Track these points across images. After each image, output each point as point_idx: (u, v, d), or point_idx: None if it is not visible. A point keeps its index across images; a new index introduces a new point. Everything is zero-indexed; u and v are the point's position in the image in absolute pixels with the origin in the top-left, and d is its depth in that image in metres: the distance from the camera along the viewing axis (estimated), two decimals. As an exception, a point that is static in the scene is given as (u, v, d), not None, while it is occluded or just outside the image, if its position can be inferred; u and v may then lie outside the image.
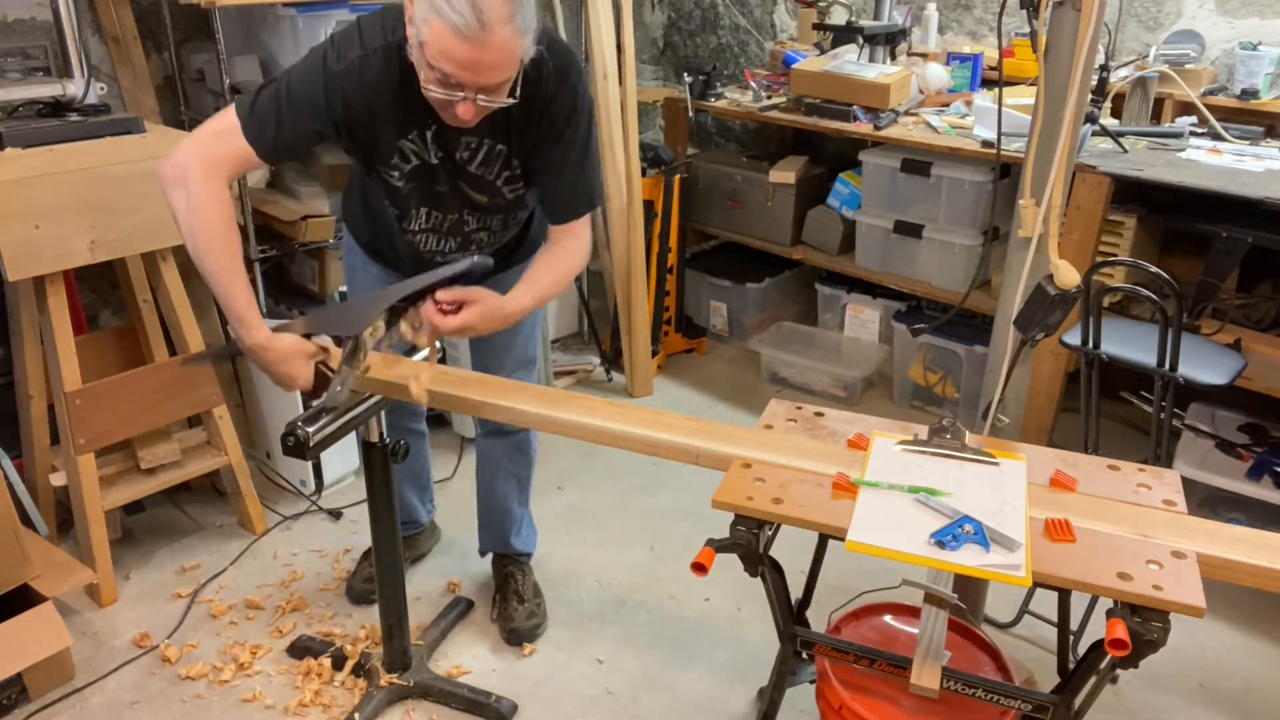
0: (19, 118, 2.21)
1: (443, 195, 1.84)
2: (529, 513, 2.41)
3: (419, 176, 1.80)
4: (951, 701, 1.48)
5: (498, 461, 2.30)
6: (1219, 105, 2.83)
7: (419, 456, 2.40)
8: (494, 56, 1.47)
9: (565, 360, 3.61)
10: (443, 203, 1.86)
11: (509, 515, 2.35)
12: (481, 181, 1.80)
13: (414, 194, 1.84)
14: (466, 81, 1.51)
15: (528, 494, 2.37)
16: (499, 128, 1.71)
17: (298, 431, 1.65)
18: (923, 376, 3.36)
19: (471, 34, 1.43)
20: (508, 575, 2.37)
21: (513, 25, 1.45)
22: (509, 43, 1.47)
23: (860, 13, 3.68)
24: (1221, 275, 2.48)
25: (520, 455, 2.29)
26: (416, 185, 1.82)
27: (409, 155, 1.75)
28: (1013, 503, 1.37)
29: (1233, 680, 2.18)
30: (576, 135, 1.74)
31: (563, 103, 1.70)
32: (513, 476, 2.31)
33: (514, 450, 2.28)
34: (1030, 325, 1.62)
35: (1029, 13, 1.66)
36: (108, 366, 2.48)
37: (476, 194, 1.83)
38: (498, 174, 1.79)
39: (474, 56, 1.46)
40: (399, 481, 2.29)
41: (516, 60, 1.52)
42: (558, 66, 1.68)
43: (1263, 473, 2.47)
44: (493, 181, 1.80)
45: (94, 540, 2.34)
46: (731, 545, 1.39)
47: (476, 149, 1.75)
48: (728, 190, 3.78)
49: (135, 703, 2.10)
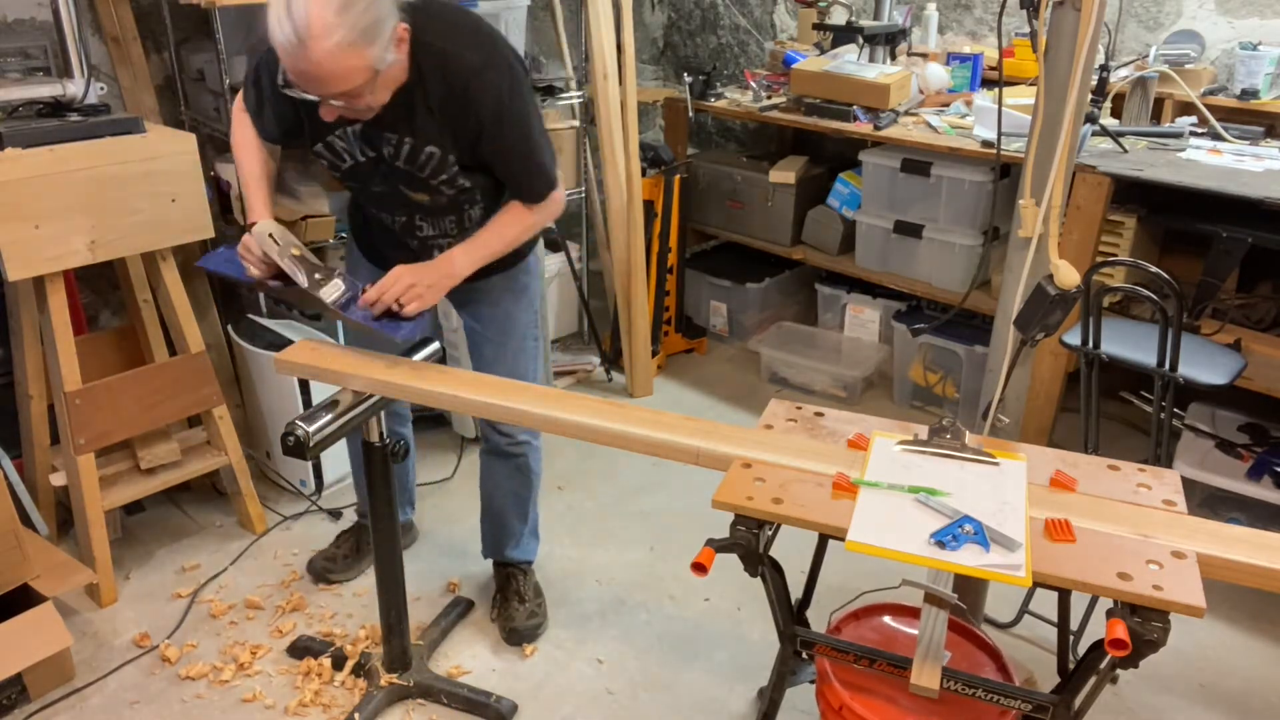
0: (19, 118, 2.21)
1: (382, 196, 1.89)
2: (532, 523, 2.40)
3: (357, 176, 1.85)
4: (952, 701, 1.48)
5: (497, 480, 2.30)
6: (1219, 105, 2.84)
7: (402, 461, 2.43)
8: (320, 70, 1.50)
9: (565, 360, 3.61)
10: (385, 203, 1.91)
11: (507, 529, 2.35)
12: (414, 180, 1.82)
13: (360, 194, 1.91)
14: (308, 90, 1.55)
15: (528, 508, 2.35)
16: (418, 125, 1.74)
17: (298, 431, 1.66)
18: (923, 376, 3.36)
19: (291, 49, 1.48)
20: (509, 576, 2.37)
21: (335, 39, 1.46)
22: (335, 57, 1.48)
23: (860, 13, 3.68)
24: (1221, 275, 2.48)
25: (520, 475, 2.28)
26: (359, 186, 1.88)
27: (341, 153, 1.80)
28: (1013, 503, 1.37)
29: (1233, 680, 2.18)
30: (512, 128, 1.76)
31: (485, 100, 1.71)
32: (512, 494, 2.31)
33: (514, 470, 2.27)
34: (1030, 325, 1.62)
35: (1029, 13, 1.66)
36: (108, 366, 2.48)
37: (415, 193, 1.86)
38: (432, 173, 1.81)
39: (300, 69, 1.51)
40: None
41: (355, 71, 1.53)
42: (471, 65, 1.69)
43: (1263, 473, 2.47)
44: (426, 179, 1.82)
45: (94, 540, 2.34)
46: (731, 545, 1.39)
47: (399, 146, 1.77)
48: (728, 190, 3.78)
49: (135, 703, 2.10)
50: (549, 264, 3.35)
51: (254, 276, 1.81)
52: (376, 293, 1.75)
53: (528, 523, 2.37)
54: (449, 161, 1.79)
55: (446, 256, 1.83)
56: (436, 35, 1.68)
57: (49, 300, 2.20)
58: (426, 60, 1.68)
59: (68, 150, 2.12)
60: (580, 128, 3.43)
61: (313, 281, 1.77)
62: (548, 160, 1.85)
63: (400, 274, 1.76)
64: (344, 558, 2.50)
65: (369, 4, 1.49)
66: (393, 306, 1.75)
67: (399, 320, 1.77)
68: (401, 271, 1.77)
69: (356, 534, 2.54)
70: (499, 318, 2.10)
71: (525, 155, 1.81)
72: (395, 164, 1.80)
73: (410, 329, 1.77)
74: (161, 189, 2.24)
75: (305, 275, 1.76)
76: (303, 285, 1.76)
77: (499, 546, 2.38)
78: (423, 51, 1.67)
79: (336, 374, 1.77)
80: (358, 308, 1.78)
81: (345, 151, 1.81)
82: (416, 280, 1.76)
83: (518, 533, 2.36)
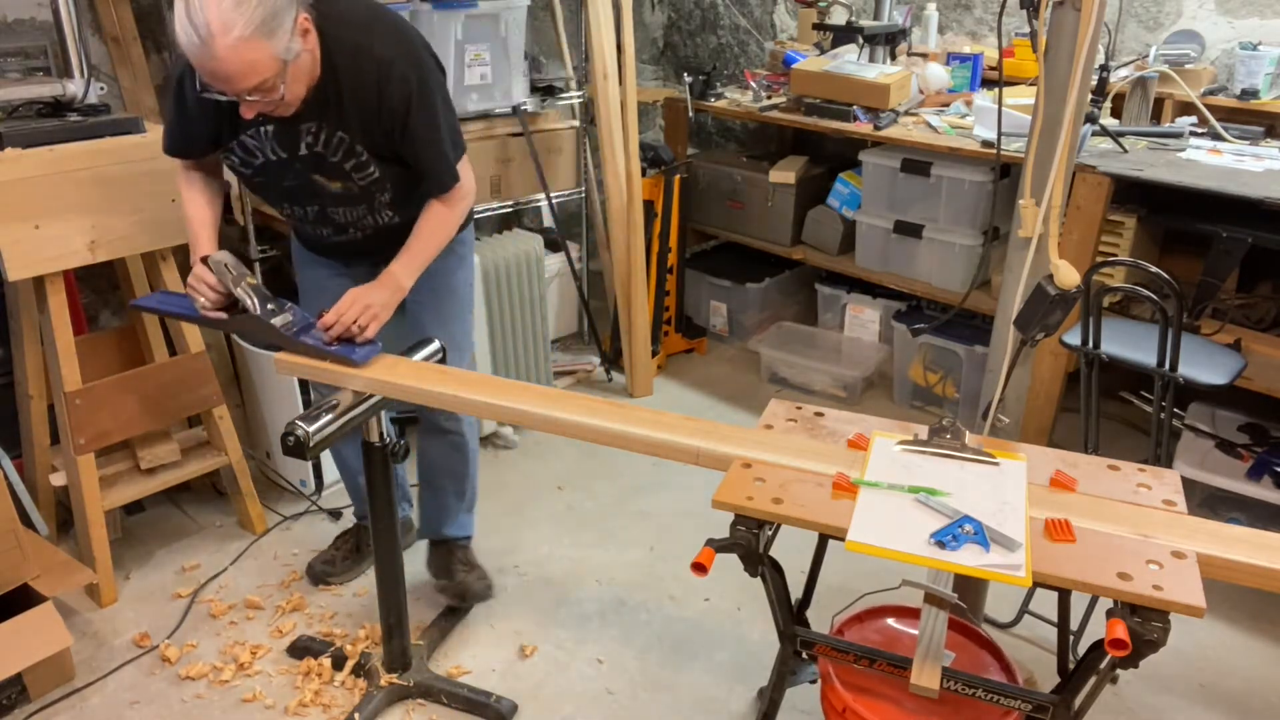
0: (19, 118, 2.21)
1: (294, 190, 1.93)
2: (469, 500, 2.42)
3: (267, 172, 1.89)
4: (954, 702, 1.48)
5: (432, 458, 2.32)
6: (1219, 105, 2.84)
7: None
8: (227, 67, 1.54)
9: (565, 360, 3.61)
10: (297, 196, 1.95)
11: (445, 508, 2.38)
12: (327, 166, 1.86)
13: (269, 191, 1.97)
14: (223, 89, 1.59)
15: (465, 486, 2.37)
16: (331, 114, 1.78)
17: (298, 431, 1.66)
18: (923, 376, 3.36)
19: (195, 49, 1.52)
20: (449, 550, 2.39)
21: (235, 34, 1.50)
22: (239, 52, 1.52)
23: (860, 13, 3.68)
24: (1221, 275, 2.48)
25: (456, 452, 2.31)
26: (267, 181, 1.92)
27: (253, 151, 1.84)
28: (1013, 503, 1.37)
29: (1233, 680, 2.18)
30: (420, 120, 1.80)
31: (395, 92, 1.76)
32: (449, 472, 2.33)
33: (449, 449, 2.29)
34: (1030, 325, 1.62)
35: (1029, 13, 1.66)
36: (108, 366, 2.48)
37: (330, 181, 1.89)
38: (343, 159, 1.84)
39: (208, 68, 1.55)
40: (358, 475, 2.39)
41: (260, 64, 1.56)
42: (382, 58, 1.74)
43: (1263, 473, 2.47)
44: (340, 164, 1.85)
45: (94, 540, 2.34)
46: (732, 545, 1.39)
47: (317, 134, 1.81)
48: (728, 190, 3.78)
49: (135, 703, 2.10)
50: (549, 264, 3.35)
51: (203, 309, 1.85)
52: (335, 315, 1.79)
53: (464, 500, 2.39)
54: (357, 150, 1.83)
55: (389, 273, 1.88)
56: (349, 29, 1.73)
57: (49, 300, 2.20)
58: (339, 53, 1.73)
59: (68, 150, 2.12)
60: (580, 128, 3.43)
61: (265, 310, 1.80)
62: (450, 152, 1.89)
63: (356, 296, 1.81)
64: (343, 559, 2.50)
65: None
66: (352, 329, 1.78)
67: (353, 344, 1.79)
68: (357, 294, 1.81)
69: (356, 535, 2.54)
70: (435, 286, 2.12)
71: (432, 145, 1.85)
72: (313, 150, 1.83)
73: (365, 352, 1.78)
74: (161, 189, 2.24)
75: (259, 303, 1.80)
76: (255, 313, 1.79)
77: (436, 524, 2.40)
78: (335, 45, 1.72)
79: (336, 374, 1.77)
80: (314, 333, 1.81)
81: (256, 149, 1.85)
82: (372, 301, 1.81)
83: (455, 510, 2.38)
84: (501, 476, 2.98)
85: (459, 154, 1.92)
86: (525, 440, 3.15)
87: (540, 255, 3.13)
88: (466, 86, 2.93)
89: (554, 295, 3.53)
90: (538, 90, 3.27)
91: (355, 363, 1.75)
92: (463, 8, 2.81)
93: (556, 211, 3.38)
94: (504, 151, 3.15)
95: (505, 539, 2.67)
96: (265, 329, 1.81)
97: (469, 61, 2.91)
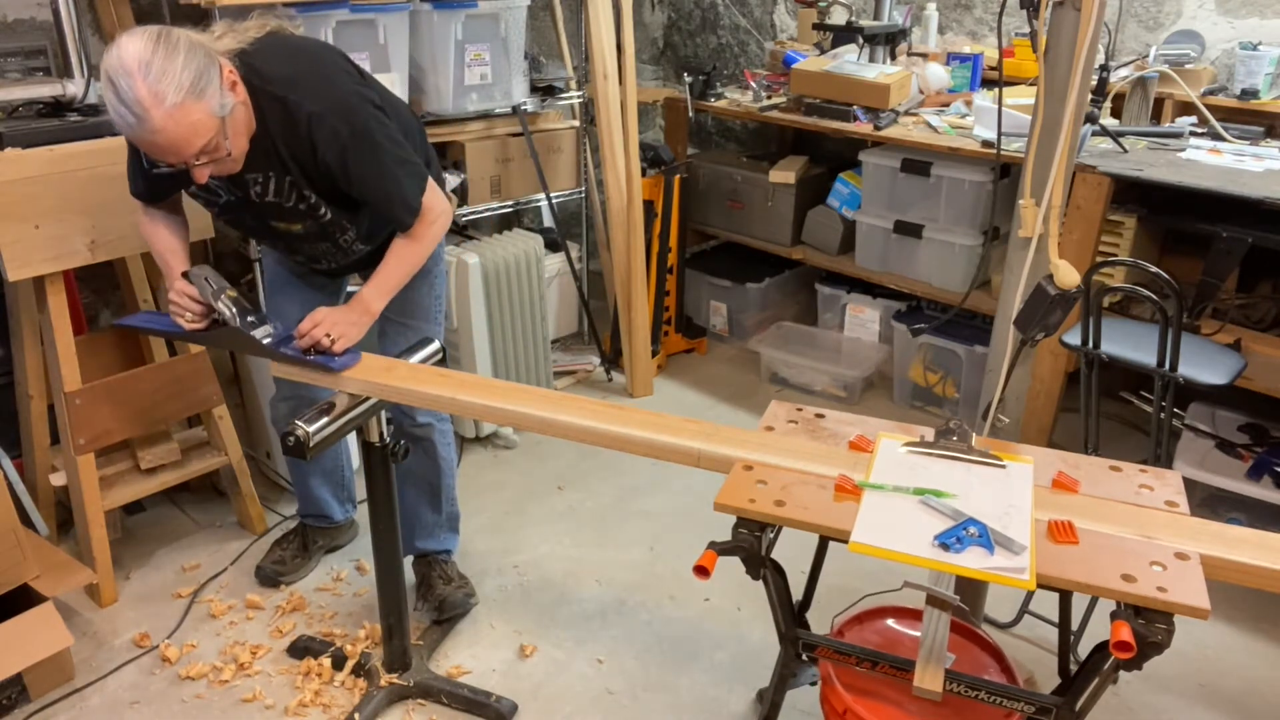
0: (19, 118, 2.20)
1: (257, 229, 1.98)
2: (449, 515, 2.38)
3: (230, 210, 1.92)
4: (956, 704, 1.48)
5: (406, 467, 2.23)
6: (1219, 105, 2.84)
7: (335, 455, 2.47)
8: (169, 136, 1.55)
9: (565, 360, 3.61)
10: (261, 234, 2.00)
11: (418, 519, 2.34)
12: (283, 211, 1.87)
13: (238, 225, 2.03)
14: (172, 161, 1.61)
15: (441, 497, 2.33)
16: (275, 162, 1.79)
17: (298, 431, 1.66)
18: (923, 376, 3.37)
19: (134, 128, 1.54)
20: (429, 564, 2.37)
21: (169, 102, 1.52)
22: (176, 118, 1.54)
23: (860, 13, 3.68)
24: (1221, 275, 2.48)
25: (427, 459, 2.26)
26: (234, 218, 1.97)
27: (215, 190, 1.86)
28: (1019, 505, 1.36)
29: (1233, 680, 2.18)
30: (361, 169, 1.79)
31: (328, 143, 1.75)
32: (422, 481, 2.29)
33: (420, 454, 2.24)
34: (1030, 325, 1.62)
35: (1029, 13, 1.66)
36: (108, 366, 2.48)
37: (288, 225, 1.91)
38: (296, 202, 1.85)
39: (151, 142, 1.57)
40: (309, 475, 2.42)
41: (200, 125, 1.58)
42: (311, 112, 1.73)
43: (1263, 473, 2.47)
44: (295, 208, 1.87)
45: (94, 540, 2.34)
46: (734, 548, 1.39)
47: (265, 183, 1.82)
48: (728, 190, 3.78)
49: (135, 703, 2.10)
50: (549, 264, 3.35)
51: (185, 326, 1.86)
52: (309, 323, 1.80)
53: (441, 513, 2.35)
54: (307, 194, 1.84)
55: (359, 298, 1.88)
56: (273, 83, 1.72)
57: (49, 300, 2.19)
58: (269, 108, 1.73)
59: (68, 150, 2.12)
60: (580, 128, 3.43)
61: (245, 323, 1.82)
62: (405, 188, 1.85)
63: (321, 316, 1.81)
64: (292, 558, 2.49)
65: (185, 61, 1.53)
66: (323, 342, 1.78)
67: (330, 355, 1.80)
68: (323, 314, 1.82)
69: (301, 534, 2.53)
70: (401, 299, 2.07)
71: (380, 189, 1.83)
72: (265, 199, 1.84)
73: (343, 361, 1.78)
74: (161, 189, 2.24)
75: (239, 316, 1.82)
76: (235, 325, 1.81)
77: (409, 537, 2.34)
78: (264, 99, 1.72)
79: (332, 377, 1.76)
80: (294, 344, 1.81)
81: (218, 188, 1.86)
82: (338, 320, 1.82)
83: (429, 523, 2.35)
84: (501, 476, 2.98)
85: (419, 183, 1.87)
86: (525, 440, 3.15)
87: (540, 255, 3.13)
88: (466, 86, 2.93)
89: (554, 295, 3.52)
90: (538, 90, 3.26)
91: (334, 370, 1.76)
92: (463, 8, 2.81)
93: (556, 211, 3.38)
94: (504, 151, 3.15)
95: (505, 539, 2.67)
96: (246, 341, 1.84)
97: (469, 61, 2.90)
